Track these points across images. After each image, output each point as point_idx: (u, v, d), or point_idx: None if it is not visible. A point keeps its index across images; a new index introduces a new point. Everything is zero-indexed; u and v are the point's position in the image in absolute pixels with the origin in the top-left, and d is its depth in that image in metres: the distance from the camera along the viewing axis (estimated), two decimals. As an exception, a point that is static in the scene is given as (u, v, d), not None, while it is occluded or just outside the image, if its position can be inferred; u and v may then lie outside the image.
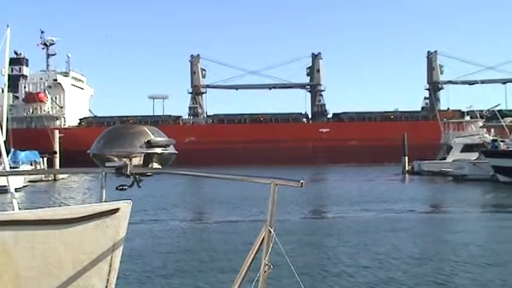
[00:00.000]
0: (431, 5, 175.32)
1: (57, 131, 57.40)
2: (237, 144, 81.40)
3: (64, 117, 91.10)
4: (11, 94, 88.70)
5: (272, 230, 2.40)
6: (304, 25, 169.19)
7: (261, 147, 79.60)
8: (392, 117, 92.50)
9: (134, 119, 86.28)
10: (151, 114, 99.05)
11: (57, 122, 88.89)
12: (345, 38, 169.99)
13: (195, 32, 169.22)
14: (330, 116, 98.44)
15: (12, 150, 39.43)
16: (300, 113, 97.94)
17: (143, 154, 3.02)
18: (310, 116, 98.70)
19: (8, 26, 10.35)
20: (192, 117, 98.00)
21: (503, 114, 56.00)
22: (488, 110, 60.37)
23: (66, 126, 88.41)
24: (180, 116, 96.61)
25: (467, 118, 58.16)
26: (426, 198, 32.32)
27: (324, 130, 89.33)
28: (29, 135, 60.74)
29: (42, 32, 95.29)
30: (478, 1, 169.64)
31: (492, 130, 53.50)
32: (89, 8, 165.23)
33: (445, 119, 59.70)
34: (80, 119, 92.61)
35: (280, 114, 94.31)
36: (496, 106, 58.46)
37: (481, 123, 56.62)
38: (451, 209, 26.41)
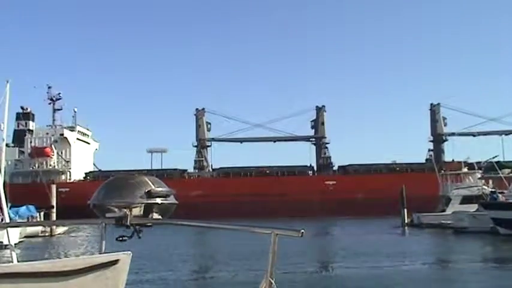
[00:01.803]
0: (433, 61, 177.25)
1: (54, 186, 57.39)
2: (244, 197, 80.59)
3: (70, 172, 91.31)
4: (16, 149, 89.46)
5: (273, 282, 2.34)
6: (307, 78, 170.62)
7: (267, 201, 78.90)
8: (398, 169, 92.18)
9: (140, 173, 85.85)
10: (158, 167, 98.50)
11: (63, 177, 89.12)
12: (348, 92, 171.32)
13: (199, 85, 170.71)
14: (335, 168, 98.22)
15: (9, 205, 39.30)
16: (306, 166, 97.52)
17: (143, 204, 3.00)
18: (315, 168, 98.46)
19: (7, 81, 10.52)
20: (197, 170, 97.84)
21: (501, 165, 55.69)
22: (486, 162, 60.18)
23: (72, 180, 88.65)
24: (186, 170, 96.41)
25: (465, 169, 57.93)
26: (426, 253, 31.56)
27: (330, 183, 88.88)
28: (28, 190, 60.56)
29: (49, 87, 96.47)
30: (480, 49, 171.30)
31: (490, 181, 53.00)
32: (93, 60, 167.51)
33: (442, 171, 59.45)
34: (85, 173, 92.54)
35: (286, 167, 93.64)
36: (493, 157, 58.41)
37: (479, 175, 56.06)
38: (453, 264, 26.05)
